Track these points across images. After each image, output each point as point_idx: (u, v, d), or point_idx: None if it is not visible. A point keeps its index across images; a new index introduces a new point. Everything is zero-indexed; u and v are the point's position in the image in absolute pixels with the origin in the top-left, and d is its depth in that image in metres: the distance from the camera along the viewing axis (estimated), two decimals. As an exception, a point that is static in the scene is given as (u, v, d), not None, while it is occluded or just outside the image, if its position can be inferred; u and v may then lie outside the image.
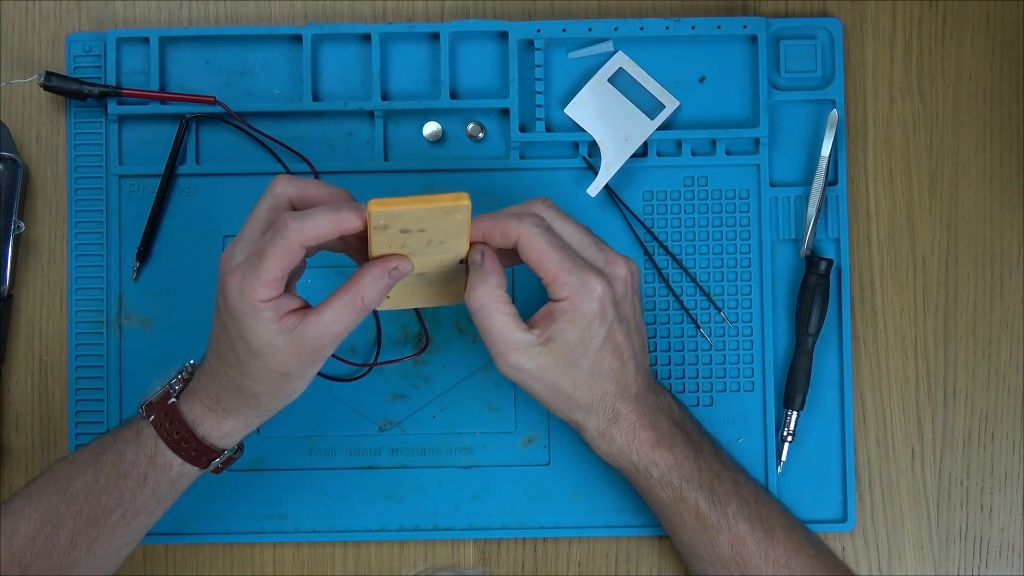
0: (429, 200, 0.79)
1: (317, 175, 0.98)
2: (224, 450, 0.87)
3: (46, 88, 0.98)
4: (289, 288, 0.83)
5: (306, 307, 0.83)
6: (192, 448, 0.86)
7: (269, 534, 0.99)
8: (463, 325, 0.99)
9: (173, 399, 0.87)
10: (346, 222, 0.80)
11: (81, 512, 0.87)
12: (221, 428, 0.86)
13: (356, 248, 0.84)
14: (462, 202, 0.80)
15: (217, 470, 0.89)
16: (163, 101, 0.98)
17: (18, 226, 0.98)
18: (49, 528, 0.87)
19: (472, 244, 0.85)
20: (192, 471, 0.87)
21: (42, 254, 1.00)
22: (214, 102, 0.98)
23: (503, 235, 0.84)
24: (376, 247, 0.82)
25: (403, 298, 0.88)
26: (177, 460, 0.86)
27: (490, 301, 0.84)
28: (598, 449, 0.91)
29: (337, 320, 0.81)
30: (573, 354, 0.86)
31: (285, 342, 0.81)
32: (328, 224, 0.79)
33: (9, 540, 0.86)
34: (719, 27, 0.99)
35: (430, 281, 0.87)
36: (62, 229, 1.00)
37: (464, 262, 0.86)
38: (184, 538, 0.98)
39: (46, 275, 1.00)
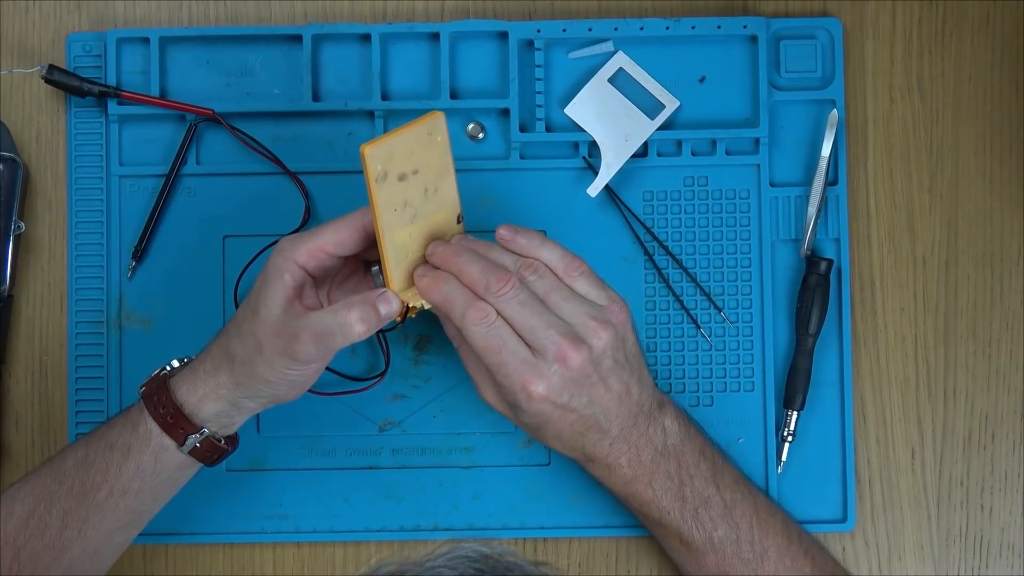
0: (409, 125, 0.83)
1: (307, 193, 0.98)
2: (202, 427, 0.87)
3: (48, 81, 0.97)
4: (319, 297, 0.87)
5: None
6: (169, 414, 0.86)
7: (269, 534, 0.99)
8: (463, 325, 0.99)
9: (167, 369, 0.89)
10: (355, 221, 0.85)
11: (72, 489, 0.87)
12: (196, 391, 0.86)
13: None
14: (436, 116, 0.84)
15: (208, 461, 0.89)
16: (162, 109, 0.98)
17: (18, 226, 0.98)
18: (43, 508, 0.87)
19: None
20: (170, 446, 0.87)
21: (42, 254, 1.00)
22: (212, 115, 0.98)
23: (446, 321, 0.87)
24: (381, 209, 0.83)
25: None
26: (156, 429, 0.86)
27: (456, 338, 0.88)
28: None
29: (322, 320, 0.83)
30: (528, 426, 0.88)
31: (277, 315, 0.84)
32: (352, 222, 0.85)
33: (4, 523, 0.87)
34: (719, 27, 0.99)
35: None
36: (62, 229, 1.00)
37: (461, 221, 0.87)
38: (184, 538, 0.98)
39: (46, 275, 1.00)
